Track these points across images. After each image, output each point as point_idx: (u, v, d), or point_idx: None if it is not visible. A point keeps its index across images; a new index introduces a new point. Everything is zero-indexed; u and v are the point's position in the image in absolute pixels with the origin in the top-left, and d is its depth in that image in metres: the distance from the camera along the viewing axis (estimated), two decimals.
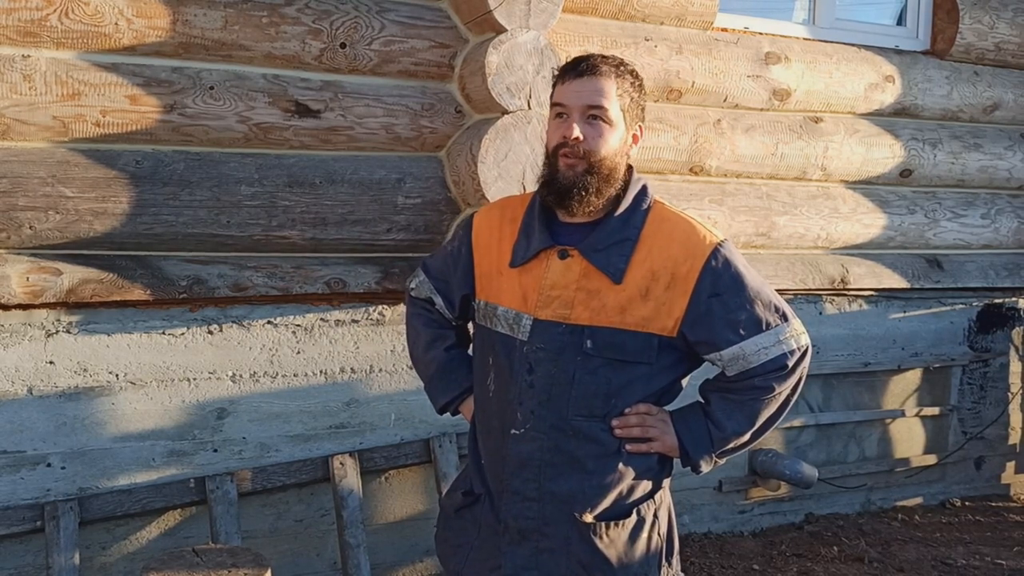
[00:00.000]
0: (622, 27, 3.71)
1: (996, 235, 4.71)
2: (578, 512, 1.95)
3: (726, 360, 1.94)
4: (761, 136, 4.03)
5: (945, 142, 4.48)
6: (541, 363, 1.95)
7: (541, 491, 1.96)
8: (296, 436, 3.33)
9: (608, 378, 1.93)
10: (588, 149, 1.89)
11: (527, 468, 1.97)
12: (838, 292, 4.36)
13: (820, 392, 4.47)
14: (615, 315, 1.91)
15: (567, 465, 1.95)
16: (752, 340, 1.91)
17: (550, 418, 1.95)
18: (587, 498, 1.95)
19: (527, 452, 1.97)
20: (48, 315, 2.97)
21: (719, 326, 1.91)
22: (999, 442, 4.93)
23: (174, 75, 2.95)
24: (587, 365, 1.93)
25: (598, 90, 1.89)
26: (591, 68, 1.90)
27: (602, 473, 1.95)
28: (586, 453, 1.95)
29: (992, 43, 4.50)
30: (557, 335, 1.94)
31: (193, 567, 2.38)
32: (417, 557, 3.56)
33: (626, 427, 1.95)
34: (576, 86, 1.91)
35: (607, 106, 1.89)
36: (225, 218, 3.08)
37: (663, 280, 1.91)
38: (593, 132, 1.90)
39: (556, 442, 1.95)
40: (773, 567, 3.88)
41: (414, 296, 2.34)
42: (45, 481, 2.99)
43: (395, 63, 3.21)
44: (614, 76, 1.91)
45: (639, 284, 1.91)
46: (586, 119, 1.90)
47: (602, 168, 1.90)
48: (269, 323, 3.27)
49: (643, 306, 1.91)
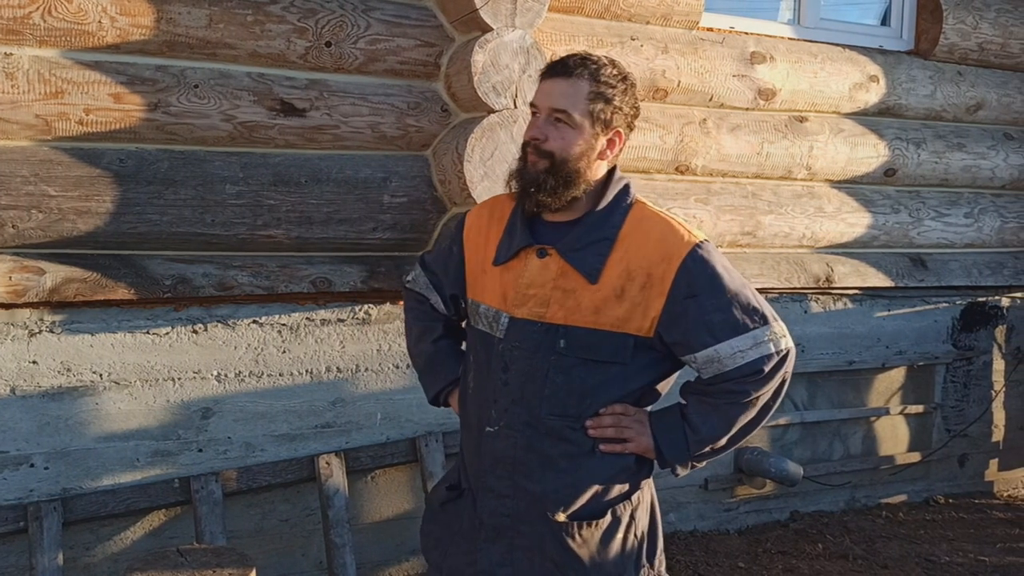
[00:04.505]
0: (608, 26, 3.71)
1: (979, 234, 4.73)
2: (551, 511, 1.94)
3: (700, 362, 1.92)
4: (746, 135, 4.04)
5: (929, 142, 4.51)
6: (516, 361, 1.96)
7: (515, 489, 1.97)
8: (282, 436, 3.32)
9: (582, 378, 1.93)
10: (549, 150, 1.91)
11: (501, 466, 1.98)
12: (823, 291, 4.38)
13: (805, 390, 4.49)
14: (589, 315, 1.91)
15: (540, 464, 1.95)
16: (727, 343, 1.89)
17: (523, 416, 1.95)
18: (560, 497, 1.95)
19: (501, 450, 1.97)
20: (31, 315, 2.95)
21: (694, 328, 1.89)
22: (982, 439, 4.96)
23: (158, 73, 2.93)
24: (560, 364, 1.93)
25: (564, 93, 1.90)
26: (564, 70, 1.91)
27: (575, 472, 1.95)
28: (559, 452, 1.95)
29: (975, 43, 4.53)
30: (532, 333, 1.94)
31: (177, 567, 2.37)
32: (403, 556, 3.56)
33: (600, 427, 1.94)
34: (548, 86, 1.94)
35: (570, 110, 1.90)
36: (210, 217, 3.07)
37: (638, 280, 1.90)
38: (556, 134, 1.91)
39: (529, 440, 1.95)
40: (759, 565, 3.90)
41: (409, 288, 2.34)
42: (28, 481, 2.97)
43: (381, 62, 3.21)
44: (588, 80, 1.90)
45: (614, 284, 1.91)
46: (552, 120, 1.92)
47: (562, 169, 1.91)
48: (254, 322, 3.26)
49: (618, 306, 1.90)
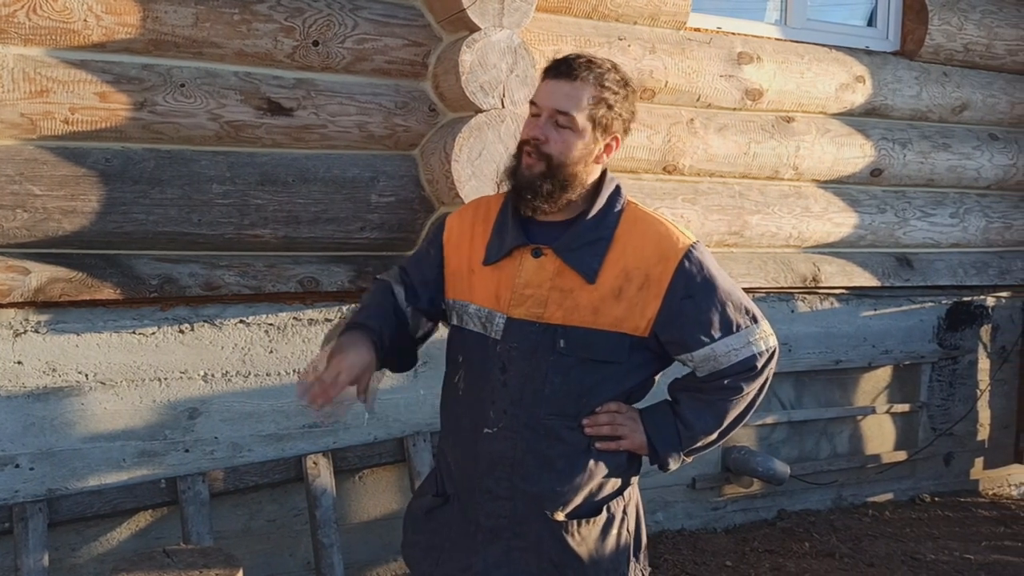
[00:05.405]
0: (595, 26, 3.72)
1: (965, 234, 4.76)
2: (550, 511, 1.95)
3: (697, 361, 1.96)
4: (734, 135, 4.05)
5: (915, 142, 4.53)
6: (514, 362, 1.95)
7: (513, 490, 1.96)
8: (269, 436, 3.31)
9: (580, 377, 1.93)
10: (548, 152, 1.89)
11: (499, 467, 1.97)
12: (810, 290, 4.39)
13: (792, 389, 4.51)
14: (588, 315, 1.92)
15: (539, 464, 1.95)
16: (723, 341, 1.94)
17: (523, 417, 1.95)
18: (559, 497, 1.95)
19: (500, 451, 1.97)
20: (16, 314, 2.93)
21: (691, 328, 1.93)
22: (968, 438, 4.99)
23: (144, 72, 2.92)
24: (560, 364, 1.93)
25: (569, 96, 1.88)
26: (570, 72, 1.89)
27: (573, 472, 1.96)
28: (557, 452, 1.95)
29: (961, 44, 4.55)
30: (531, 334, 1.94)
31: (164, 568, 2.36)
32: (391, 556, 3.55)
33: (596, 426, 1.96)
34: (552, 87, 1.91)
35: (575, 114, 1.88)
36: (196, 216, 3.06)
37: (636, 280, 1.91)
38: (557, 137, 1.89)
39: (528, 441, 1.95)
40: (746, 563, 3.91)
41: (378, 277, 2.18)
42: (13, 482, 2.96)
43: (368, 61, 3.20)
44: (592, 83, 1.88)
45: (612, 284, 1.91)
46: (553, 122, 1.89)
47: (559, 173, 1.90)
48: (241, 322, 3.25)
49: (616, 306, 1.91)
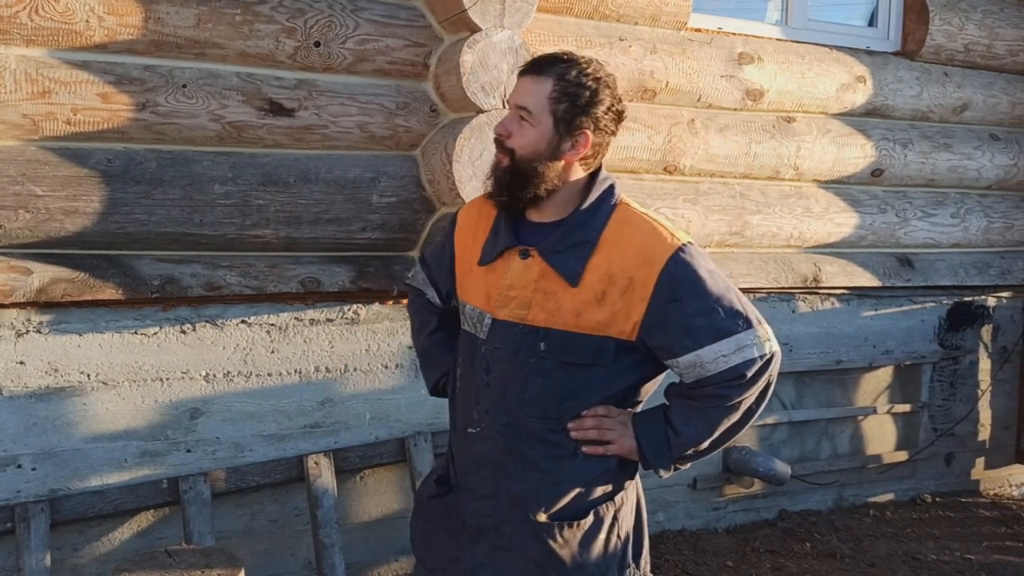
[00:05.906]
0: (596, 27, 3.72)
1: (965, 234, 4.76)
2: (532, 512, 1.94)
3: (683, 367, 1.90)
4: (734, 136, 4.06)
5: (915, 142, 4.53)
6: (497, 363, 1.96)
7: (497, 490, 1.97)
8: (270, 436, 3.32)
9: (562, 380, 1.92)
10: (510, 147, 1.92)
11: (483, 467, 1.98)
12: (811, 291, 4.39)
13: (793, 389, 4.51)
14: (570, 318, 1.90)
15: (521, 465, 1.95)
16: (710, 348, 1.86)
17: (504, 418, 1.95)
18: (542, 498, 1.94)
19: (483, 451, 1.98)
20: (18, 315, 2.93)
21: (676, 332, 1.87)
22: (969, 438, 4.99)
23: (146, 73, 2.93)
24: (541, 367, 1.92)
25: (528, 90, 1.90)
26: (535, 68, 1.91)
27: (557, 474, 1.94)
28: (540, 454, 1.94)
29: (961, 44, 4.55)
30: (513, 335, 1.94)
31: (166, 568, 2.36)
32: (392, 556, 3.56)
33: (581, 429, 1.93)
34: (519, 84, 1.94)
35: (531, 108, 1.89)
36: (198, 217, 3.06)
37: (620, 284, 1.88)
38: (518, 131, 1.91)
39: (510, 442, 1.95)
40: (747, 563, 3.91)
41: (409, 283, 2.35)
42: (15, 482, 2.96)
43: (370, 62, 3.21)
44: (554, 78, 1.88)
45: (595, 288, 1.89)
46: (518, 118, 1.92)
47: (522, 167, 1.90)
48: (243, 322, 3.25)
49: (599, 310, 1.89)
